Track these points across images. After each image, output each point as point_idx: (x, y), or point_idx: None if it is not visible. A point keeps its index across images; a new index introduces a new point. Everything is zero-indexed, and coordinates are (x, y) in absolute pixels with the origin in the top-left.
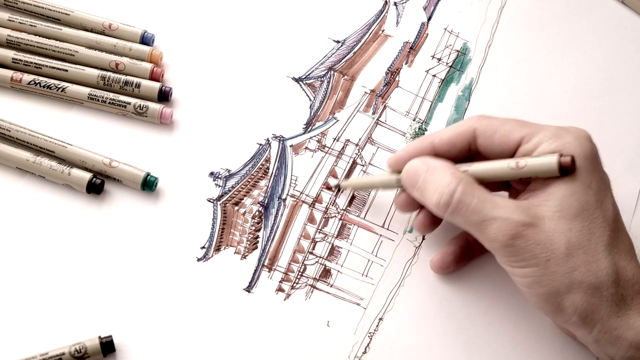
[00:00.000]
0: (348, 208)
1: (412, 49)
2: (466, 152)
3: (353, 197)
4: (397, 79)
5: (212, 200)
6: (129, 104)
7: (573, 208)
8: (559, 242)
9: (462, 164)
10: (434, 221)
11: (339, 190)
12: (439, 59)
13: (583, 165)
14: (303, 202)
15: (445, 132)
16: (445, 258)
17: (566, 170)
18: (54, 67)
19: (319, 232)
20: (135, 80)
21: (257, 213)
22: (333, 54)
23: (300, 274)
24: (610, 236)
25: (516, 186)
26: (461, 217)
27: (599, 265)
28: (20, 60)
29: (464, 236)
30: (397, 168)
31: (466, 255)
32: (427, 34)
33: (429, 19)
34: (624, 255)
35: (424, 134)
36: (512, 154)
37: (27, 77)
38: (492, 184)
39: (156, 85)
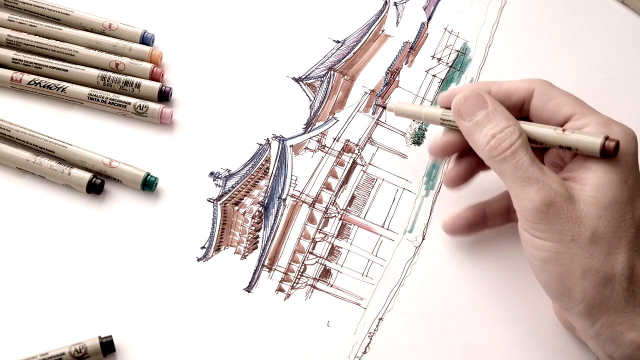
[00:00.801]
0: (348, 208)
1: (412, 49)
2: (518, 110)
3: (353, 197)
4: (397, 79)
5: (212, 200)
6: (129, 104)
7: (607, 197)
8: (587, 226)
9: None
10: (469, 173)
11: (383, 109)
12: (439, 59)
13: (624, 160)
14: (303, 202)
15: (505, 82)
16: (457, 220)
17: (607, 153)
18: (54, 67)
19: (319, 232)
20: (135, 80)
21: (257, 213)
22: (333, 54)
23: (300, 274)
24: (634, 234)
25: (554, 161)
26: (509, 167)
27: (618, 259)
28: (20, 60)
29: (482, 206)
30: (448, 104)
31: (479, 223)
32: (427, 34)
33: (429, 19)
34: None
35: (423, 134)
36: (559, 126)
37: (27, 77)
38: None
39: (156, 85)
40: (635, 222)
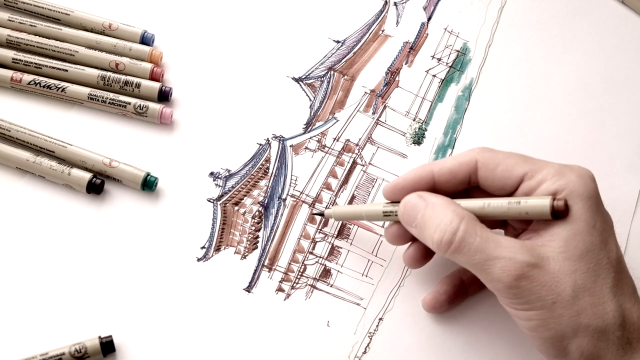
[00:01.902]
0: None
1: (412, 49)
2: (466, 184)
3: (353, 197)
4: (397, 79)
5: (212, 200)
6: (129, 104)
7: (578, 249)
8: (565, 284)
9: (459, 199)
10: (425, 255)
11: (322, 217)
12: (439, 59)
13: (587, 205)
14: (303, 202)
15: (447, 161)
16: (438, 297)
17: (559, 214)
18: (54, 67)
19: (319, 232)
20: (135, 80)
21: (257, 213)
22: (333, 54)
23: (300, 274)
24: (614, 278)
25: (517, 225)
26: (463, 256)
27: (605, 308)
28: (20, 60)
29: (459, 275)
30: (394, 197)
31: (460, 294)
32: (427, 34)
33: (429, 19)
34: (628, 298)
35: (424, 134)
36: (513, 190)
37: (27, 77)
38: (489, 221)
39: (156, 85)
40: (613, 265)
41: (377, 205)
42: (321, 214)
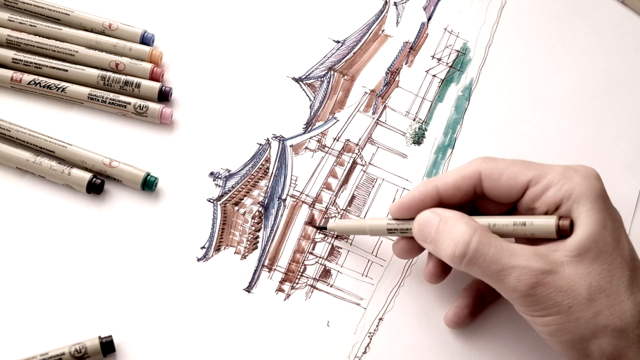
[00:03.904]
0: (348, 208)
1: (412, 49)
2: (472, 195)
3: (353, 197)
4: (397, 79)
5: (212, 200)
6: (129, 104)
7: (591, 251)
8: (580, 287)
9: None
10: (444, 271)
11: (322, 230)
12: (439, 59)
13: (596, 207)
14: (303, 202)
15: (450, 175)
16: (460, 313)
17: (564, 234)
18: (54, 67)
19: (318, 232)
20: (135, 80)
21: (257, 213)
22: (333, 54)
23: (300, 274)
24: (630, 276)
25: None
26: (478, 268)
27: (623, 307)
28: (20, 60)
29: (475, 286)
30: (400, 215)
31: (480, 305)
32: (427, 34)
33: (429, 19)
34: None
35: (424, 134)
36: (519, 196)
37: (27, 77)
38: None
39: (156, 85)
40: (627, 263)
41: (380, 220)
42: (324, 228)
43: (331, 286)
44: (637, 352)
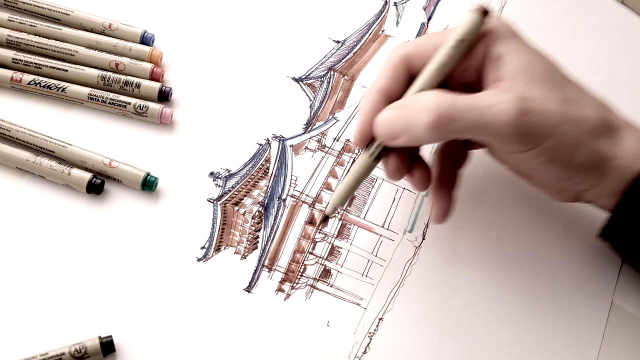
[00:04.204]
0: (348, 208)
1: None
2: (409, 78)
3: (353, 197)
4: None
5: (212, 200)
6: (129, 104)
7: (540, 71)
8: (553, 104)
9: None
10: (406, 162)
11: (326, 219)
12: None
13: (518, 39)
14: (303, 202)
15: (379, 77)
16: (442, 204)
17: (484, 15)
18: (54, 67)
19: (319, 232)
20: (135, 80)
21: (257, 213)
22: (333, 54)
23: (300, 274)
24: (577, 85)
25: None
26: (459, 123)
27: (587, 110)
28: (20, 60)
29: (437, 159)
30: (367, 139)
31: (452, 175)
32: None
33: (429, 19)
34: (592, 96)
35: None
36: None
37: (27, 77)
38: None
39: (156, 85)
40: (569, 77)
41: (361, 159)
42: (326, 218)
43: (331, 286)
44: (609, 143)
